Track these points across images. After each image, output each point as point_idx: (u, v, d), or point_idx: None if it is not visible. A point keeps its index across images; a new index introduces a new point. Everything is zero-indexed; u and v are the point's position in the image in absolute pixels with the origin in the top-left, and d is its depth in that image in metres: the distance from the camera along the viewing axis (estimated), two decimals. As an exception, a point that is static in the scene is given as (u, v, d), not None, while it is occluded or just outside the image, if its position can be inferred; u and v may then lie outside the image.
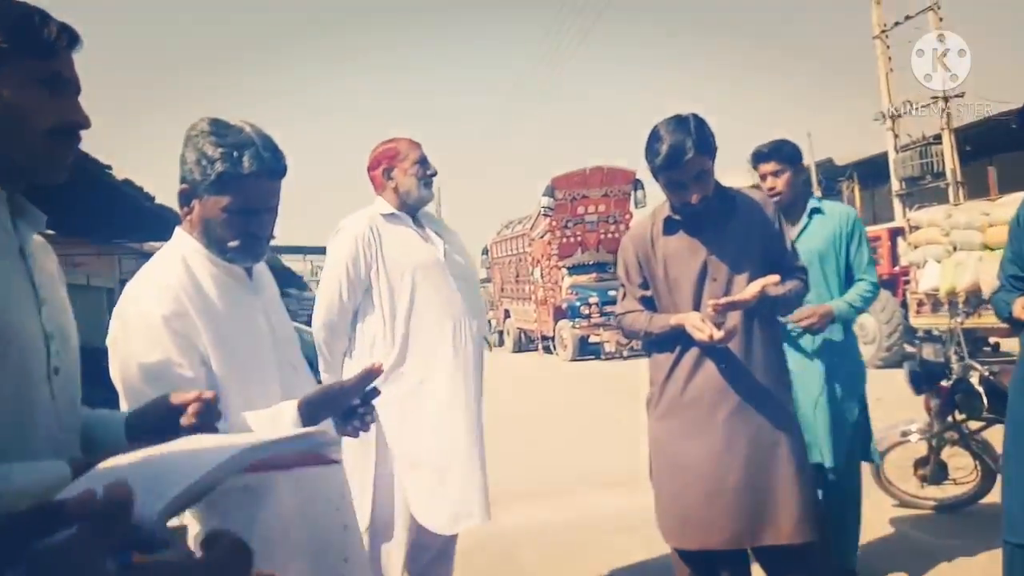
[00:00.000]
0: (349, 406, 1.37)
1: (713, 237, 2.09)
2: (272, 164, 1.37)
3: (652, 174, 2.10)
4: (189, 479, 0.60)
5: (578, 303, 13.81)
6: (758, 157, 2.81)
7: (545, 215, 15.34)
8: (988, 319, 7.32)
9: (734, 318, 2.00)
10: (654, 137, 2.04)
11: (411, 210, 2.49)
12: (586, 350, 13.96)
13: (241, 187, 1.35)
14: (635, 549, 3.44)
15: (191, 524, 1.24)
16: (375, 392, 1.57)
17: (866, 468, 3.71)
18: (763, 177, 2.80)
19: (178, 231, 1.44)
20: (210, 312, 1.33)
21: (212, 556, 0.57)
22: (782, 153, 2.77)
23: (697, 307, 2.08)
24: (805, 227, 2.79)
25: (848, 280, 2.77)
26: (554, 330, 14.79)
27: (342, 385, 1.32)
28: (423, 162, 2.47)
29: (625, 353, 13.20)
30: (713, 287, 2.06)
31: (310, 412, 1.27)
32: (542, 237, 15.88)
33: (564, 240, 15.34)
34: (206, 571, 0.56)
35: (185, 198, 1.39)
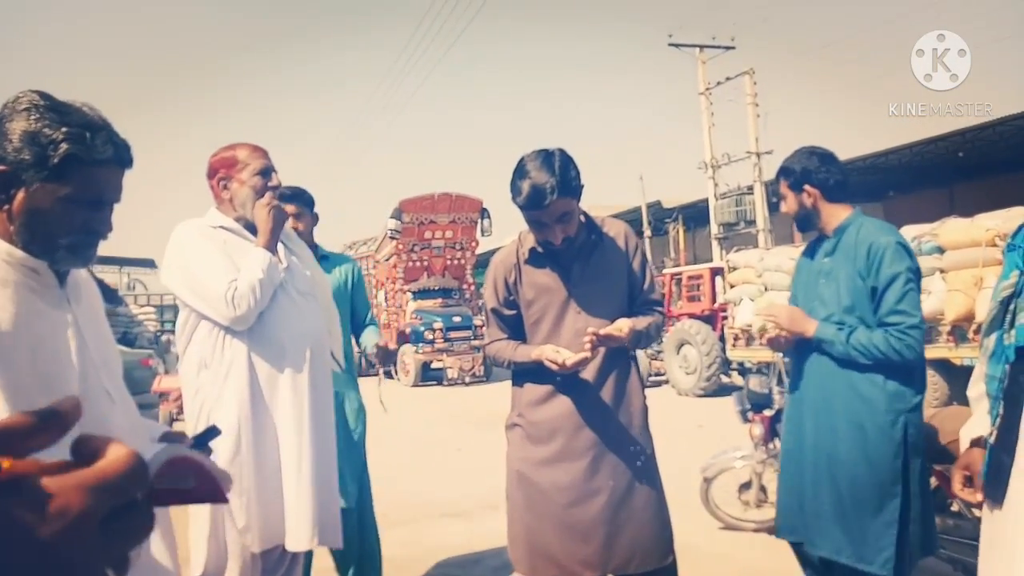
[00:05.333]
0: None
1: (578, 270, 2.10)
2: (125, 152, 1.21)
3: (516, 206, 2.06)
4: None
5: (422, 328, 13.68)
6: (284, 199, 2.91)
7: (392, 238, 15.11)
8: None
9: (590, 349, 2.00)
10: (518, 173, 1.99)
11: (250, 224, 2.22)
12: (428, 376, 13.83)
13: (90, 175, 1.16)
14: (480, 582, 3.37)
15: None
16: (215, 432, 1.40)
17: (675, 487, 3.94)
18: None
19: None
20: None
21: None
22: (304, 199, 2.92)
23: (558, 337, 2.08)
24: None
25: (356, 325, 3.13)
26: (397, 355, 14.52)
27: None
28: (265, 173, 2.21)
29: (467, 379, 13.23)
30: (578, 318, 2.07)
31: None
32: (387, 260, 15.61)
33: (410, 264, 15.19)
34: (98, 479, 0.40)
35: (1, 184, 1.14)
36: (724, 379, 10.28)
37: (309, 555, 2.93)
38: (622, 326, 1.97)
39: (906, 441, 2.11)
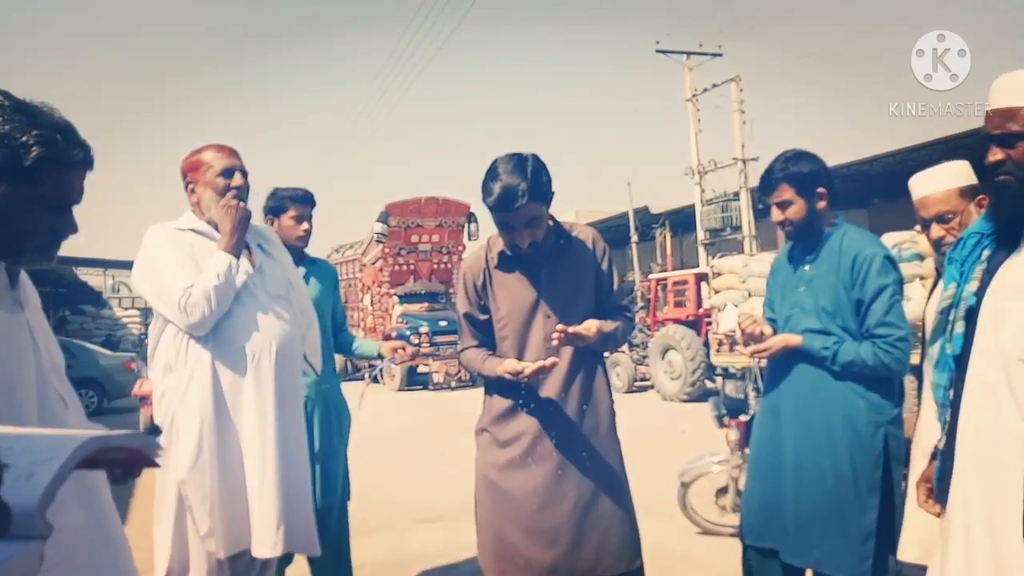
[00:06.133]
0: None
1: (547, 274, 2.11)
2: (90, 154, 1.23)
3: (486, 206, 2.07)
4: (59, 459, 0.50)
5: (408, 332, 13.64)
6: (288, 201, 2.92)
7: (378, 241, 15.09)
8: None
9: (554, 357, 2.02)
10: (490, 174, 1.99)
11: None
12: (414, 380, 13.80)
13: (60, 177, 1.18)
14: (456, 587, 3.37)
15: None
16: (157, 431, 1.43)
17: (656, 493, 3.95)
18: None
19: None
20: None
21: None
22: (308, 200, 2.94)
23: (527, 342, 2.09)
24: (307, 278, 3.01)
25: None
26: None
27: None
28: (227, 173, 2.16)
29: (453, 384, 13.21)
30: (547, 323, 2.08)
31: None
32: (374, 263, 15.58)
33: (396, 268, 15.17)
34: None
35: None
36: (709, 384, 10.31)
37: (285, 561, 2.92)
38: (590, 326, 1.98)
39: (887, 452, 2.11)
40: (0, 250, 1.17)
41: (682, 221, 20.51)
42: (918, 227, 2.11)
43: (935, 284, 2.13)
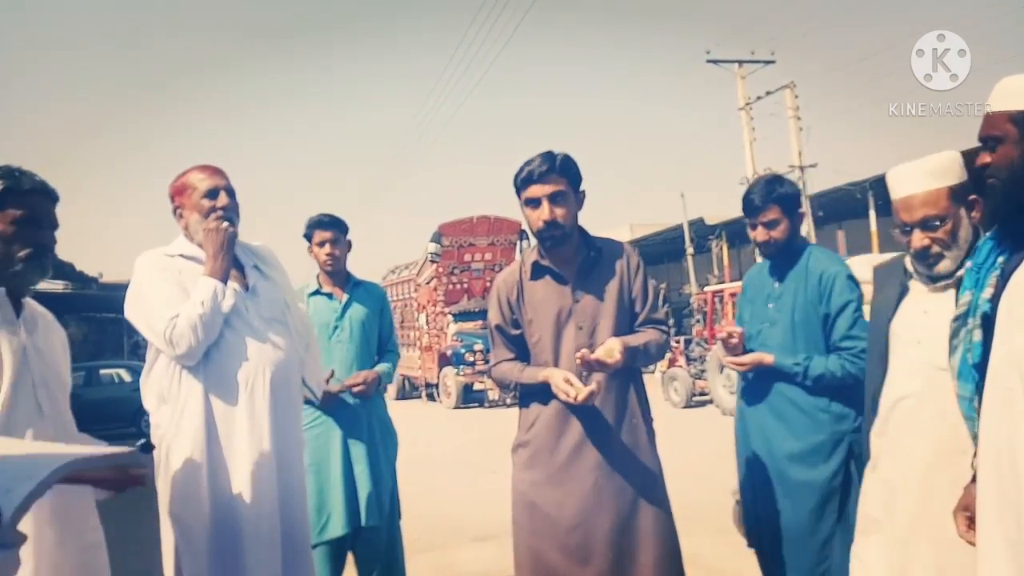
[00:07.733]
0: None
1: (578, 284, 2.11)
2: (47, 186, 1.60)
3: (518, 198, 2.12)
4: (37, 477, 0.55)
5: (463, 350, 13.74)
6: (319, 227, 3.07)
7: (432, 261, 15.31)
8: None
9: (599, 376, 1.98)
10: (522, 164, 2.10)
11: None
12: (470, 398, 13.86)
13: (26, 201, 1.55)
14: (504, 606, 3.34)
15: None
16: (149, 447, 1.57)
17: (712, 510, 3.84)
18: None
19: None
20: None
21: None
22: (338, 226, 3.07)
23: (559, 354, 2.08)
24: (350, 301, 3.08)
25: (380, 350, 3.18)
26: (438, 377, 14.62)
27: None
28: (211, 193, 2.06)
29: (508, 401, 13.17)
30: (578, 335, 2.06)
31: None
32: (428, 283, 15.79)
33: (450, 287, 15.34)
34: None
35: None
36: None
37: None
38: (612, 348, 1.94)
39: (850, 459, 2.22)
40: None
41: (738, 232, 20.07)
42: (896, 230, 1.87)
43: (901, 296, 1.93)
